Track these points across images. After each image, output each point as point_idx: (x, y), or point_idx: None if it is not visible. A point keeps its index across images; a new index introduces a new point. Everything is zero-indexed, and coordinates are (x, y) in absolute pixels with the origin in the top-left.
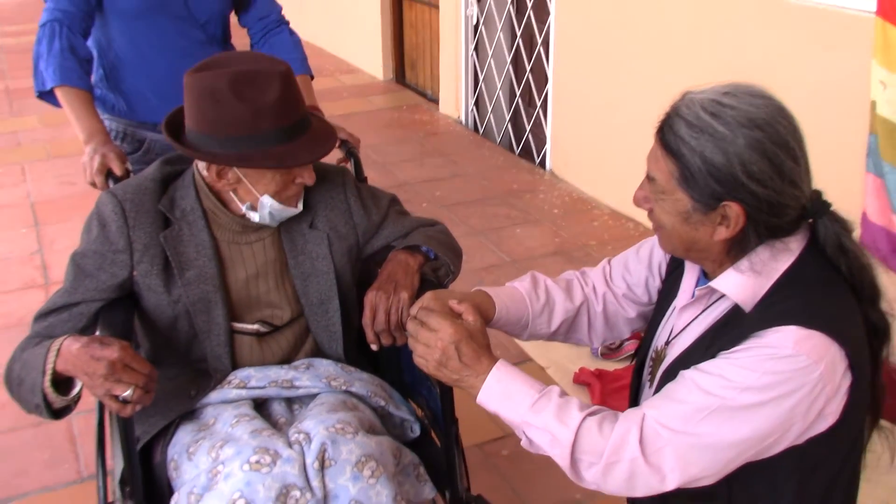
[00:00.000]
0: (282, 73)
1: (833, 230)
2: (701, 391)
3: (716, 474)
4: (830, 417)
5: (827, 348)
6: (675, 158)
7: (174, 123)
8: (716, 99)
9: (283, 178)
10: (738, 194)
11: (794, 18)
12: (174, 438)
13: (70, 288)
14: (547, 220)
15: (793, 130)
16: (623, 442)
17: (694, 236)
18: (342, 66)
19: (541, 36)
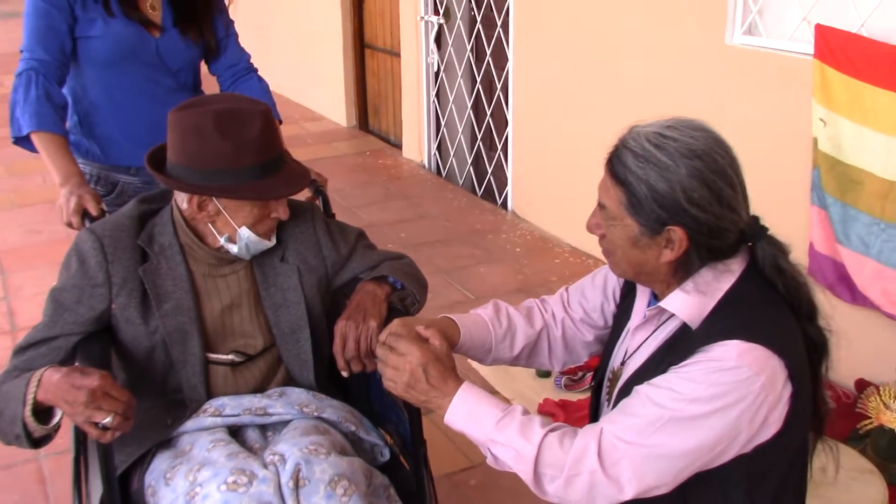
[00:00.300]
0: (262, 112)
1: (770, 252)
2: (653, 404)
3: (670, 483)
4: (774, 426)
5: (767, 360)
6: (623, 186)
7: (155, 160)
8: (659, 132)
9: (260, 211)
10: (680, 219)
11: (738, 62)
12: (151, 466)
13: (49, 322)
14: (509, 258)
15: (730, 160)
16: (583, 455)
17: (642, 259)
18: (306, 114)
19: (500, 81)
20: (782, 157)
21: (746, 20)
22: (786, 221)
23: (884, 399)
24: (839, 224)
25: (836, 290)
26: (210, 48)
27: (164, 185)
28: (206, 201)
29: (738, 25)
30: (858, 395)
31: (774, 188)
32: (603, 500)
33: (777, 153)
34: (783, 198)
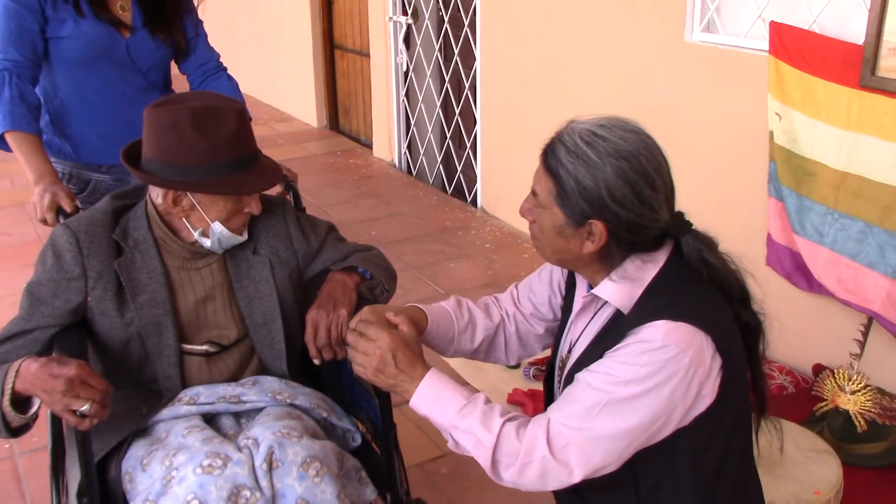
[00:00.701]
0: (237, 110)
1: (695, 246)
2: (592, 389)
3: (616, 461)
4: (708, 397)
5: (693, 336)
6: (554, 178)
7: (130, 155)
8: (592, 130)
9: (233, 206)
10: (602, 214)
11: (697, 59)
12: (128, 453)
13: (25, 315)
14: (479, 254)
15: (655, 163)
16: (533, 444)
17: (566, 247)
18: (276, 115)
19: (468, 81)
20: (740, 150)
21: (705, 18)
22: (744, 213)
23: (838, 382)
24: (795, 214)
25: (794, 278)
26: (180, 48)
27: (141, 180)
28: (181, 196)
29: (696, 23)
30: (815, 379)
31: (733, 181)
32: (555, 483)
33: (735, 147)
34: (742, 190)
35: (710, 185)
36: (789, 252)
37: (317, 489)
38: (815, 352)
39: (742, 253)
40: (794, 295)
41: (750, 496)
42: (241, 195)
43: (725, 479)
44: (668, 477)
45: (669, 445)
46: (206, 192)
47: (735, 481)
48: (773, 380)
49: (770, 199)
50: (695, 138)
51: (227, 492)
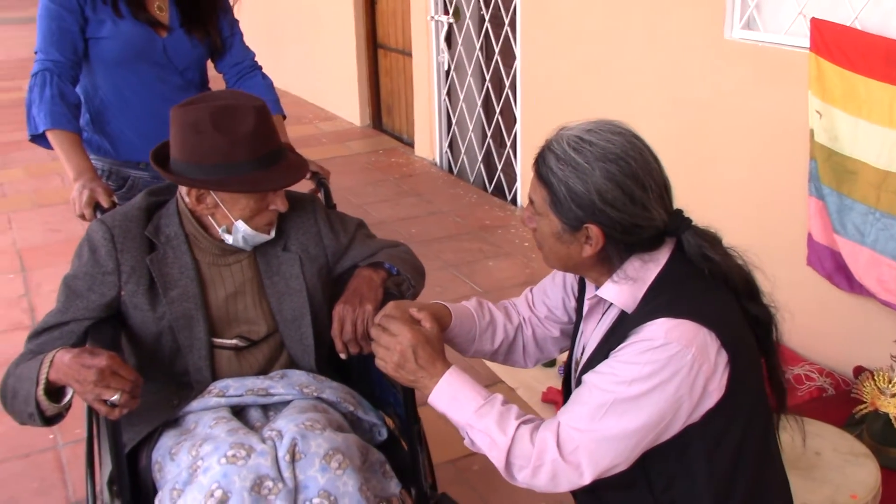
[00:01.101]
0: (257, 108)
1: (695, 243)
2: (598, 390)
3: (626, 461)
4: (716, 393)
5: (696, 332)
6: (546, 186)
7: (160, 155)
8: (579, 135)
9: (256, 204)
10: (596, 217)
11: (736, 56)
12: (158, 443)
13: (62, 308)
14: (518, 252)
15: (643, 163)
16: (544, 447)
17: (566, 253)
18: (321, 114)
19: (508, 79)
20: (780, 149)
21: (745, 15)
22: (785, 212)
23: (878, 384)
24: (836, 214)
25: (835, 279)
26: (216, 47)
27: (165, 178)
28: (204, 194)
29: (736, 20)
30: (855, 381)
31: (774, 180)
32: (567, 485)
33: (775, 145)
34: (782, 189)
35: (751, 184)
36: (830, 252)
37: (338, 481)
38: (856, 354)
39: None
40: (835, 296)
41: (771, 495)
42: (265, 193)
43: (742, 475)
44: (681, 474)
45: (681, 442)
46: (225, 190)
47: (754, 479)
48: (812, 381)
49: (811, 198)
50: (735, 137)
51: (251, 482)
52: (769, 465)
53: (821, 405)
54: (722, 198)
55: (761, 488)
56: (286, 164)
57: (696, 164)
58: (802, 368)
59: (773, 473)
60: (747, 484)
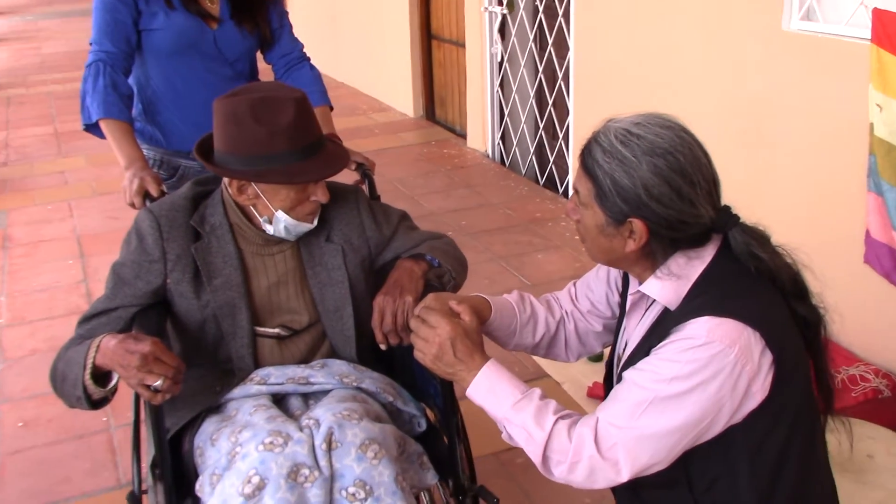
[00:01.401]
0: (296, 100)
1: (742, 240)
2: (637, 387)
3: (664, 460)
4: (759, 394)
5: (739, 332)
6: (591, 179)
7: (205, 146)
8: (627, 128)
9: (297, 195)
10: (641, 212)
11: (795, 48)
12: (200, 429)
13: (110, 294)
14: (568, 246)
15: (692, 158)
16: (582, 443)
17: (609, 247)
18: (375, 105)
19: (561, 71)
20: (839, 143)
21: (804, 5)
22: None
23: None
24: (894, 210)
25: (893, 277)
26: (265, 38)
27: (207, 168)
28: (245, 185)
29: (795, 10)
30: None
31: (831, 175)
32: (603, 482)
33: (834, 139)
34: (840, 184)
35: (807, 179)
36: (888, 250)
37: (374, 471)
38: None
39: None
40: (893, 294)
41: (816, 499)
42: (305, 184)
43: (786, 478)
44: (723, 475)
45: (724, 443)
46: (263, 182)
47: (798, 482)
48: (867, 382)
49: (869, 193)
50: (792, 130)
51: (287, 469)
52: (815, 469)
53: (876, 407)
54: (777, 193)
55: (806, 492)
56: (326, 156)
57: (751, 158)
58: (857, 369)
59: (819, 477)
60: (791, 487)
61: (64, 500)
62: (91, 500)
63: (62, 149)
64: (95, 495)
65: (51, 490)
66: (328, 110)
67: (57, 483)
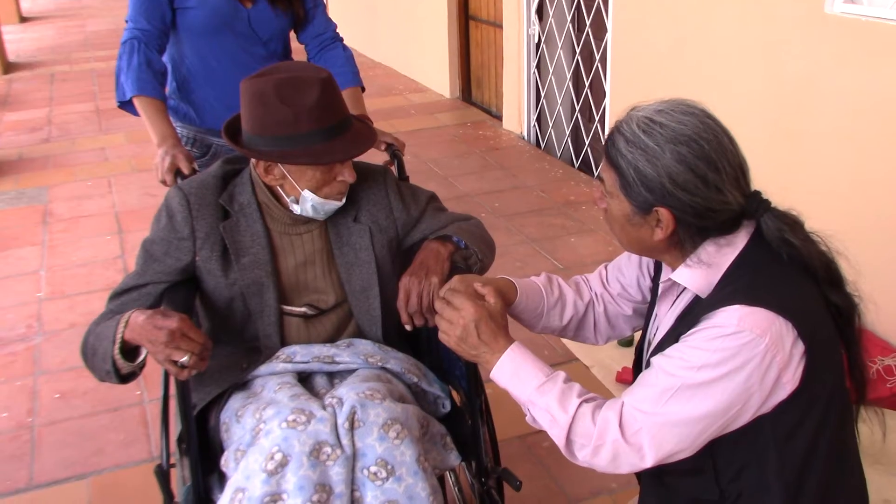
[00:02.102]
0: (322, 80)
1: (775, 226)
2: (665, 374)
3: (689, 448)
4: (789, 385)
5: (771, 322)
6: (615, 169)
7: (233, 126)
8: (649, 116)
9: (323, 175)
10: (667, 201)
11: (838, 31)
12: (227, 405)
13: (140, 271)
14: (602, 229)
15: (716, 144)
16: (606, 427)
17: (638, 236)
18: (412, 86)
19: (598, 53)
20: (882, 127)
21: None
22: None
23: None
24: None
25: None
26: (298, 18)
27: (233, 148)
28: (272, 165)
29: None
30: None
31: (873, 159)
32: (627, 467)
33: (876, 124)
34: (881, 171)
35: (847, 165)
36: None
37: (396, 451)
38: None
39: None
40: None
41: (845, 491)
42: (331, 164)
43: (815, 470)
44: (751, 465)
45: (752, 432)
46: (287, 162)
47: (827, 473)
48: None
49: None
50: (834, 114)
51: (310, 447)
52: (846, 460)
53: None
54: (815, 179)
55: (836, 483)
56: (352, 136)
57: (792, 143)
58: (893, 359)
59: (849, 468)
60: (820, 478)
61: (97, 471)
62: (123, 471)
63: (103, 125)
64: (128, 467)
65: (85, 461)
66: (360, 91)
67: (91, 454)
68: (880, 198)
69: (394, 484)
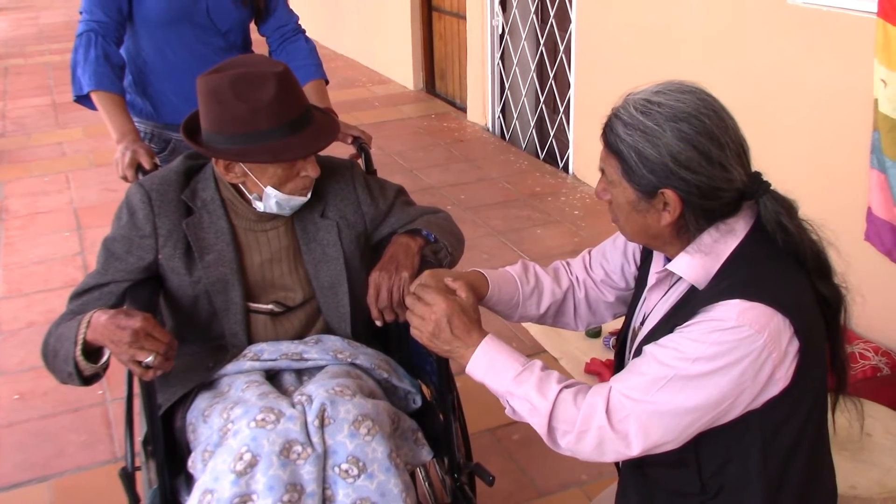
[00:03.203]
0: (277, 74)
1: (772, 208)
2: (658, 363)
3: (676, 439)
4: (781, 382)
5: (770, 318)
6: (616, 155)
7: (192, 124)
8: (647, 98)
9: (285, 171)
10: (671, 182)
11: (798, 21)
12: (193, 405)
13: (102, 269)
14: (567, 220)
15: (717, 120)
16: (592, 412)
17: (644, 223)
18: (374, 78)
19: (563, 44)
20: (843, 118)
21: None
22: (845, 184)
23: None
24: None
25: (894, 255)
26: (259, 10)
27: (193, 148)
28: (232, 164)
29: None
30: None
31: (835, 150)
32: (612, 455)
33: (838, 115)
34: (843, 160)
35: (810, 155)
36: (890, 227)
37: (367, 447)
38: None
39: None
40: (894, 273)
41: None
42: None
43: (796, 465)
44: (734, 460)
45: (739, 428)
46: (245, 161)
47: (806, 468)
48: (866, 360)
49: (872, 170)
50: (796, 105)
51: (279, 446)
52: (821, 452)
53: (875, 385)
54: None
55: (812, 478)
56: (313, 130)
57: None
58: (857, 346)
59: (822, 462)
60: (800, 474)
61: (59, 473)
62: (86, 473)
63: (59, 120)
64: (91, 468)
65: (46, 463)
66: (323, 84)
67: (52, 456)
68: (841, 187)
69: (366, 481)
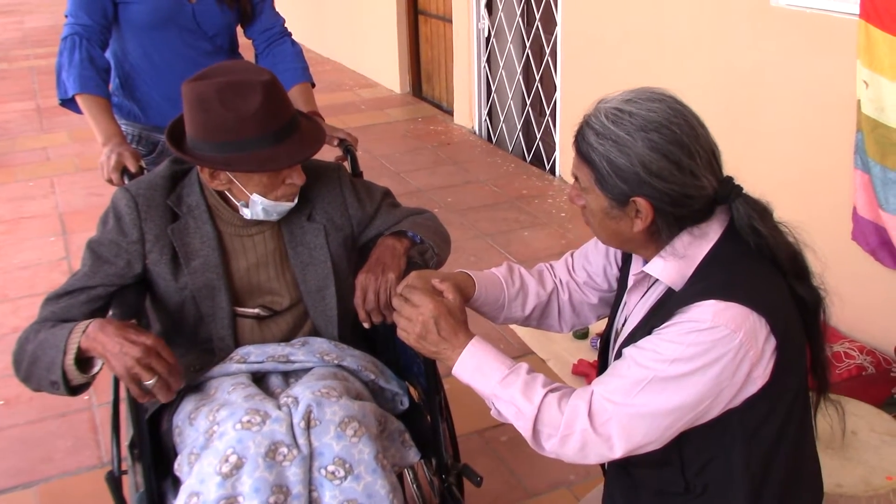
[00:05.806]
0: (264, 83)
1: (745, 212)
2: (637, 365)
3: (658, 440)
4: (759, 380)
5: (745, 317)
6: (588, 164)
7: (178, 129)
8: (617, 107)
9: (270, 179)
10: (643, 190)
11: (783, 23)
12: (179, 408)
13: (89, 272)
14: (554, 223)
15: (687, 128)
16: (575, 416)
17: (617, 229)
18: (361, 81)
19: (549, 47)
20: (827, 119)
21: None
22: (830, 185)
23: None
24: (881, 188)
25: (879, 255)
26: (245, 13)
27: (177, 155)
28: (217, 171)
29: None
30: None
31: (819, 152)
32: (595, 458)
33: (821, 116)
34: (827, 161)
35: (795, 156)
36: (875, 227)
37: (354, 449)
38: None
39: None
40: (879, 272)
41: (805, 482)
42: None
43: (778, 463)
44: (718, 458)
45: (720, 426)
46: (231, 170)
47: (789, 466)
48: (851, 359)
49: (856, 171)
50: (780, 106)
51: (265, 448)
52: (805, 450)
53: (860, 384)
54: (764, 170)
55: (796, 473)
56: (299, 138)
57: (738, 134)
58: (842, 346)
59: (805, 459)
60: (783, 470)
61: (45, 478)
62: (73, 478)
63: (44, 124)
64: (77, 474)
65: (32, 469)
66: (310, 87)
67: (38, 462)
68: (826, 187)
69: (352, 483)
